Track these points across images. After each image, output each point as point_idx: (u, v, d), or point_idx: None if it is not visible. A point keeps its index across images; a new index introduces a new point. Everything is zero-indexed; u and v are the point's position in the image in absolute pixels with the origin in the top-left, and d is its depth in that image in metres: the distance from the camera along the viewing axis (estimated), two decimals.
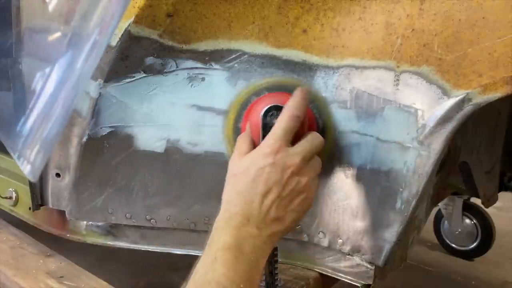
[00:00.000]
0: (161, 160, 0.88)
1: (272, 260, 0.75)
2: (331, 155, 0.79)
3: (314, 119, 0.76)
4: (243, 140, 0.70)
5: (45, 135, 0.67)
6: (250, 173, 0.62)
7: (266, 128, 0.68)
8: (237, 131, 0.80)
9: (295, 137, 0.66)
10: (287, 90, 0.77)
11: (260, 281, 0.62)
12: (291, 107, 0.66)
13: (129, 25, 0.80)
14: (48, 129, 0.67)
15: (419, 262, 1.94)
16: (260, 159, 0.63)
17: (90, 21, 0.66)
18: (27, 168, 0.70)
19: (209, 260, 0.58)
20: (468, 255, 2.01)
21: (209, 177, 0.87)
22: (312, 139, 0.67)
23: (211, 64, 0.84)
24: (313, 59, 0.80)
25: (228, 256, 0.57)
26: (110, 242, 1.01)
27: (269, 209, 0.61)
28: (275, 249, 0.74)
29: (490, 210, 1.83)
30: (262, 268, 0.61)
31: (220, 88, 0.84)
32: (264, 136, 0.67)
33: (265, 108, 0.70)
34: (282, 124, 0.65)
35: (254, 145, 0.69)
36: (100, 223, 1.00)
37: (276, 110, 0.69)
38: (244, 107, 0.80)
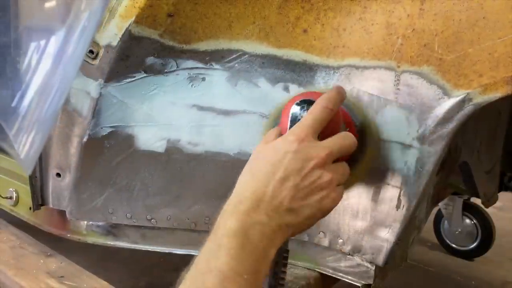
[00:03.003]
0: (162, 160, 0.88)
1: (281, 252, 0.67)
2: (369, 166, 0.73)
3: (352, 123, 0.71)
4: (271, 131, 0.67)
5: (42, 116, 0.66)
6: (270, 157, 0.59)
7: (295, 121, 0.64)
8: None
9: (326, 135, 0.62)
10: None
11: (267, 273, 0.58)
12: (324, 99, 0.63)
13: (129, 25, 0.80)
14: (45, 110, 0.65)
15: (419, 262, 1.94)
16: (283, 145, 0.60)
17: (80, 4, 0.65)
18: (23, 153, 0.68)
19: (213, 247, 0.54)
20: (468, 255, 2.01)
21: (210, 177, 0.88)
22: (343, 137, 0.63)
23: (211, 64, 0.84)
24: (314, 59, 0.80)
25: (234, 243, 0.53)
26: (111, 242, 1.01)
27: (284, 197, 0.57)
28: (287, 241, 0.66)
29: (490, 210, 1.83)
30: (270, 260, 0.56)
31: (220, 88, 0.84)
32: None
33: (297, 101, 0.66)
34: (311, 114, 0.62)
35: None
36: (100, 223, 1.00)
37: (308, 104, 0.65)
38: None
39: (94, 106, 0.86)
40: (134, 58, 0.83)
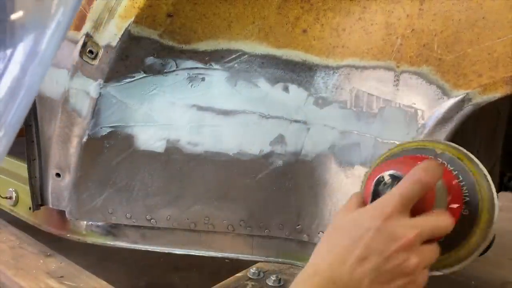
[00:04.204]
0: (161, 160, 0.88)
1: None
2: (471, 251, 0.59)
3: (462, 200, 0.58)
4: (355, 197, 0.61)
5: (9, 120, 0.65)
6: (351, 231, 0.53)
7: (377, 197, 0.56)
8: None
9: (419, 210, 0.54)
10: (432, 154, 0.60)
11: None
12: (419, 170, 0.54)
13: (129, 25, 0.80)
14: (12, 114, 0.64)
15: None
16: (366, 219, 0.53)
17: (52, 2, 0.63)
18: None
19: None
20: None
21: (210, 177, 0.88)
22: (438, 217, 0.54)
23: (211, 64, 0.84)
24: (313, 59, 0.80)
25: None
26: (110, 242, 1.01)
27: (361, 279, 0.51)
28: None
29: None
30: None
31: (220, 88, 0.85)
32: None
33: (379, 176, 0.57)
34: (401, 187, 0.53)
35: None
36: (100, 223, 1.00)
37: (393, 179, 0.56)
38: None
39: (94, 106, 0.86)
40: (133, 58, 0.83)
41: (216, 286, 0.91)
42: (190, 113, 0.86)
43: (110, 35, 0.82)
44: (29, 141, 0.99)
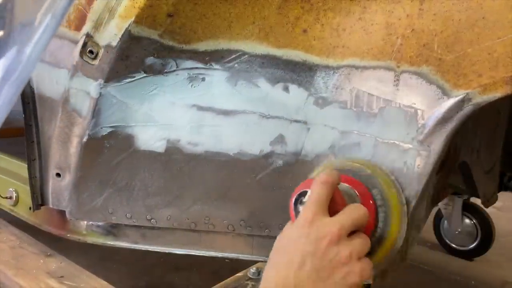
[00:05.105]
0: (162, 160, 0.88)
1: None
2: (396, 235, 0.68)
3: (368, 193, 0.68)
4: (288, 223, 0.68)
5: None
6: (286, 246, 0.61)
7: (298, 213, 0.65)
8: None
9: (335, 211, 0.62)
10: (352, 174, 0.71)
11: None
12: (319, 176, 0.63)
13: (129, 25, 0.80)
14: None
15: (419, 262, 1.94)
16: (295, 232, 0.61)
17: (41, 6, 0.63)
18: None
19: None
20: (468, 255, 2.01)
21: (210, 177, 0.88)
22: (352, 209, 0.62)
23: (211, 64, 0.84)
24: (313, 59, 0.80)
25: None
26: (111, 242, 1.01)
27: (306, 282, 0.57)
28: None
29: (490, 210, 1.83)
30: None
31: (220, 88, 0.85)
32: None
33: (295, 197, 0.66)
34: (311, 195, 0.62)
35: None
36: (100, 223, 1.00)
37: (302, 195, 0.65)
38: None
39: (94, 106, 0.86)
40: (134, 58, 0.83)
41: (216, 286, 0.92)
42: (191, 113, 0.86)
43: (111, 35, 0.82)
44: (29, 141, 0.99)
